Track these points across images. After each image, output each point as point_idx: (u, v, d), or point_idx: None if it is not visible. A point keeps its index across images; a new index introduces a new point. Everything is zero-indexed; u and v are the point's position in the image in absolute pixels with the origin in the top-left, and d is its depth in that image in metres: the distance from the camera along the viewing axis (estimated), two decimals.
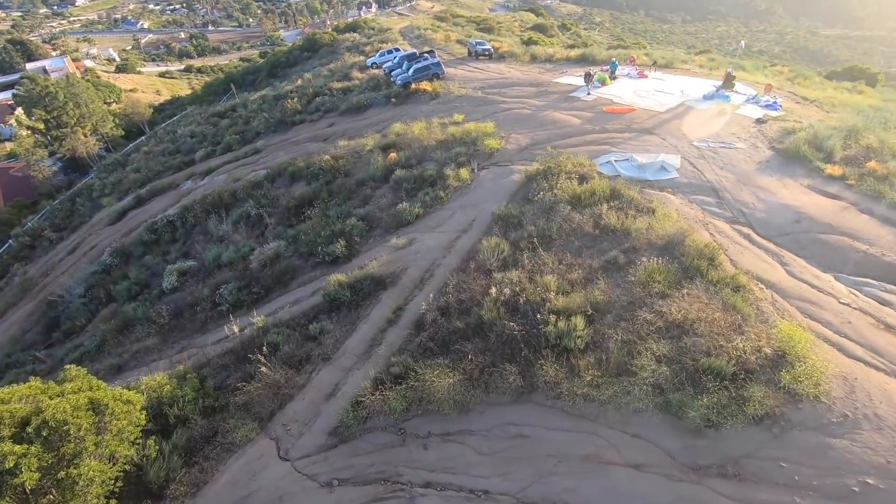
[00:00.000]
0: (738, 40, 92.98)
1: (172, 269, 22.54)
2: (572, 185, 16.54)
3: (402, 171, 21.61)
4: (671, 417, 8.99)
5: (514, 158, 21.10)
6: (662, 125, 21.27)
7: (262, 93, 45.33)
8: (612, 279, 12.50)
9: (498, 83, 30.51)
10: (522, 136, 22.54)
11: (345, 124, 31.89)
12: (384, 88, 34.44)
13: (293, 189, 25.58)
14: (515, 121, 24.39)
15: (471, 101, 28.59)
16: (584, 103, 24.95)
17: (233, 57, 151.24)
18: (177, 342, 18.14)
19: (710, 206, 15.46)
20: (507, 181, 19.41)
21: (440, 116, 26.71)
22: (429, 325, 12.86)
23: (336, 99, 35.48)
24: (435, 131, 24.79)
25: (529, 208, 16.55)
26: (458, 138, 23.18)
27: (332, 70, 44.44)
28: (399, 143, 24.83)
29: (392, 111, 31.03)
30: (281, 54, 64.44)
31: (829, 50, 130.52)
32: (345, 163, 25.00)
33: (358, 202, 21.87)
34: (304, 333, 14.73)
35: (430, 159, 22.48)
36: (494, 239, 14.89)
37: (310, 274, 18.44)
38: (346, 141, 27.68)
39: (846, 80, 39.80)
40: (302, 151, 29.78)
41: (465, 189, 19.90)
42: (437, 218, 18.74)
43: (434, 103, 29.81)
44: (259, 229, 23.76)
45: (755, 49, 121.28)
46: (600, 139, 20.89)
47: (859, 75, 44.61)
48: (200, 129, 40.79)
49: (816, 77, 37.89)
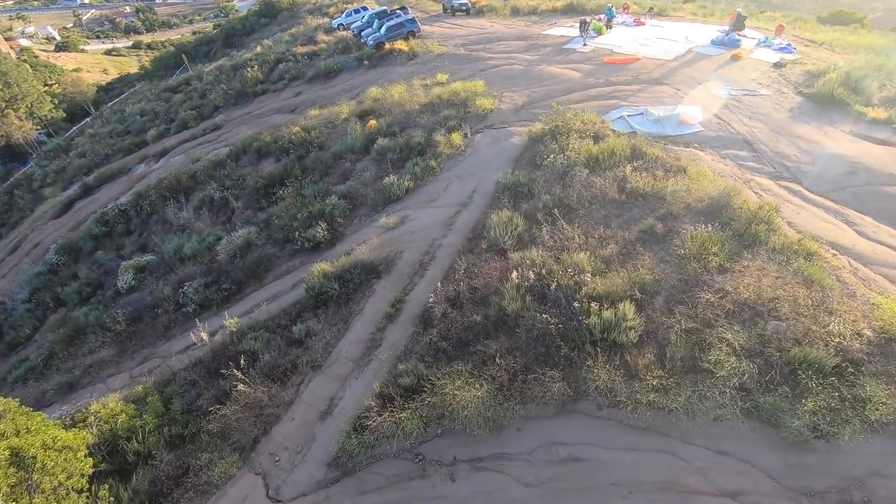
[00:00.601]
0: None
1: (128, 265, 19.73)
2: (587, 146, 14.36)
3: (384, 140, 19.02)
4: (765, 427, 7.19)
5: (511, 119, 18.73)
6: (673, 74, 19.13)
7: (219, 63, 41.18)
8: (654, 253, 10.54)
9: (481, 39, 27.70)
10: (517, 95, 20.11)
11: (313, 92, 28.73)
12: (354, 51, 31.17)
13: (261, 167, 22.70)
14: (507, 78, 21.88)
15: (453, 59, 25.82)
16: (581, 55, 22.54)
17: (184, 31, 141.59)
18: (137, 352, 15.64)
19: (745, 162, 13.56)
20: (506, 145, 17.11)
21: (421, 78, 23.93)
22: (438, 321, 10.73)
23: (301, 65, 32.06)
24: (417, 94, 22.10)
25: (540, 174, 14.35)
26: (445, 100, 20.60)
27: (294, 35, 40.51)
28: (378, 110, 22.10)
29: (366, 75, 27.99)
30: (236, 21, 59.14)
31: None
32: (318, 134, 22.18)
33: (337, 178, 19.27)
34: (287, 337, 12.44)
35: (416, 125, 19.91)
36: (505, 212, 12.70)
37: (288, 263, 16.00)
38: (317, 110, 24.73)
39: (837, 25, 38.31)
40: (268, 125, 26.67)
41: (460, 157, 17.53)
42: (430, 191, 16.39)
43: (412, 64, 26.90)
44: (225, 215, 20.97)
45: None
46: (606, 93, 18.66)
47: (847, 19, 43.24)
48: (151, 107, 36.73)
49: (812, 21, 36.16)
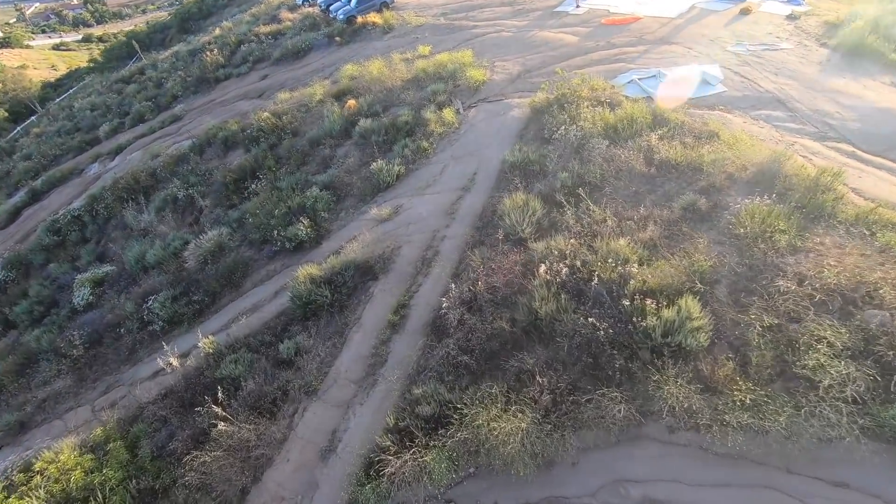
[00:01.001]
0: None
1: (84, 278, 17.47)
2: (603, 114, 12.67)
3: (367, 122, 17.01)
4: (891, 448, 5.74)
5: (508, 91, 16.90)
6: (680, 32, 17.51)
7: (175, 49, 37.98)
8: (703, 234, 8.99)
9: (462, 7, 25.57)
10: (510, 64, 18.24)
11: (281, 74, 26.29)
12: (324, 28, 28.68)
13: (229, 160, 20.43)
14: (496, 46, 19.95)
15: (434, 30, 23.70)
16: (575, 17, 20.71)
17: (138, 21, 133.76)
18: (98, 380, 13.62)
19: (782, 122, 12.08)
20: (506, 119, 15.32)
21: (401, 51, 21.80)
22: (454, 329, 9.05)
23: (266, 46, 29.42)
24: (399, 69, 20.02)
25: (552, 149, 12.63)
26: (430, 74, 18.61)
27: (255, 15, 37.51)
28: (356, 88, 19.97)
29: (338, 53, 25.65)
30: (191, 5, 55.19)
31: None
32: (290, 119, 19.96)
33: (316, 167, 17.22)
34: (274, 357, 10.60)
35: (401, 103, 17.91)
36: (519, 195, 10.97)
37: (267, 267, 14.05)
38: (287, 93, 22.43)
39: None
40: (233, 112, 24.24)
41: (454, 135, 15.67)
42: (424, 175, 14.55)
43: (389, 38, 24.68)
44: (191, 215, 18.74)
45: None
46: (609, 56, 16.94)
47: None
48: (102, 100, 33.56)
49: None
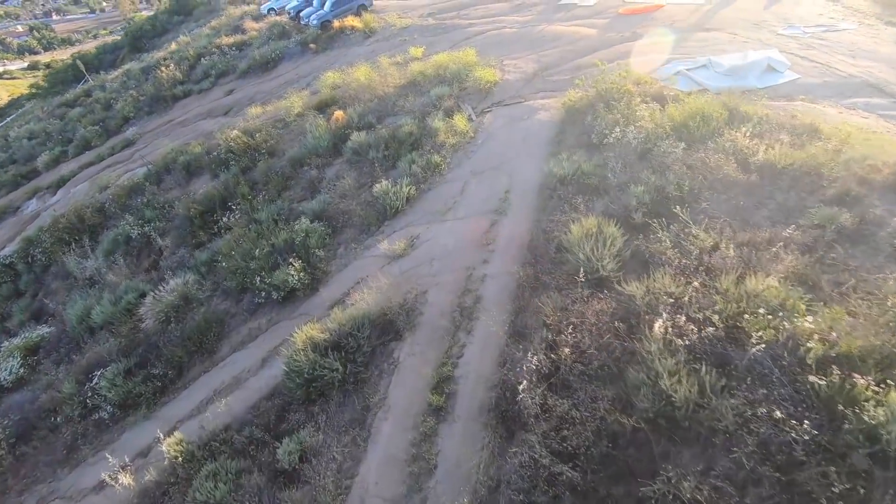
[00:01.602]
0: None
1: (14, 346, 14.15)
2: (673, 111, 10.29)
3: (360, 135, 14.28)
4: None
5: (525, 92, 14.49)
6: (715, 17, 15.53)
7: (125, 67, 34.53)
8: (869, 261, 6.57)
9: (452, 6, 23.32)
10: (522, 62, 15.88)
11: (250, 88, 23.38)
12: (295, 35, 25.96)
13: (193, 188, 17.34)
14: (500, 44, 17.61)
15: (423, 31, 21.29)
16: (586, 9, 18.61)
17: (88, 46, 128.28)
18: (27, 490, 10.30)
19: (888, 111, 9.93)
20: (532, 124, 12.85)
21: (389, 55, 19.26)
22: (535, 418, 6.29)
23: (230, 58, 26.49)
24: (390, 74, 17.43)
25: (607, 157, 10.14)
26: (430, 77, 16.08)
27: (215, 28, 34.52)
28: (341, 98, 17.26)
29: (314, 61, 22.95)
30: (143, 22, 51.58)
31: None
32: (265, 137, 17.05)
33: (301, 192, 14.34)
34: (270, 464, 7.58)
35: (399, 112, 15.29)
36: (590, 219, 8.36)
37: (250, 325, 11.04)
38: (259, 108, 19.55)
39: None
40: (196, 133, 21.18)
41: (470, 146, 13.10)
42: (440, 197, 11.88)
43: (372, 42, 22.14)
44: (148, 258, 15.52)
45: None
46: (640, 48, 14.75)
47: None
48: (42, 127, 29.75)
49: None
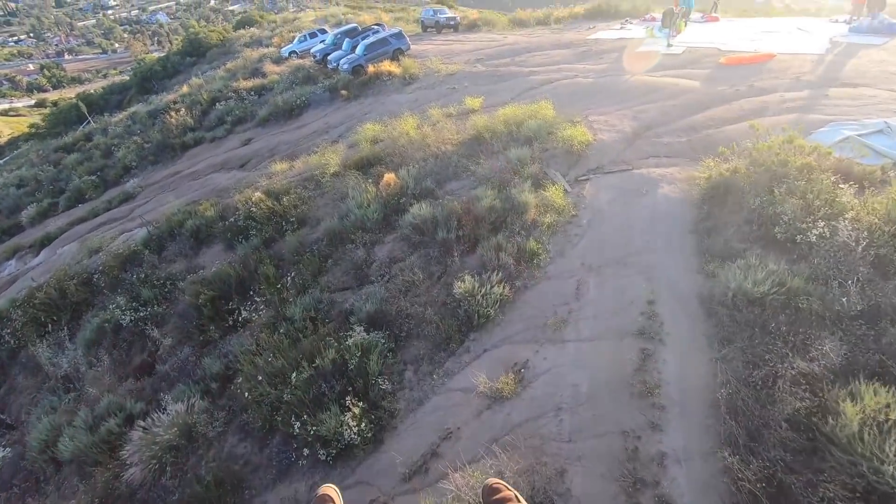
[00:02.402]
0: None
1: None
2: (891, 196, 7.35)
3: (423, 207, 11.33)
4: None
5: (630, 157, 11.70)
6: (850, 69, 12.98)
7: (131, 110, 32.35)
8: None
9: (502, 52, 21.11)
10: (615, 118, 13.21)
11: (271, 138, 20.81)
12: (322, 80, 23.71)
13: (202, 260, 14.30)
14: (577, 96, 15.05)
15: (475, 78, 18.89)
16: (673, 59, 16.22)
17: (97, 85, 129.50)
18: None
19: None
20: (656, 202, 9.94)
21: (439, 105, 16.72)
22: None
23: (248, 104, 24.14)
24: (445, 128, 14.77)
25: (815, 265, 7.10)
26: (499, 133, 13.36)
27: (231, 70, 32.63)
28: (386, 156, 14.51)
29: (346, 109, 20.48)
30: (154, 63, 50.29)
31: None
32: (294, 201, 14.17)
33: (344, 276, 11.24)
34: None
35: (465, 176, 12.46)
36: (867, 391, 5.18)
37: (281, 492, 7.64)
38: (284, 163, 16.80)
39: None
40: (207, 189, 18.39)
41: (572, 227, 10.14)
42: (545, 300, 8.77)
43: (414, 89, 19.73)
44: (141, 355, 12.25)
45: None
46: (768, 105, 12.10)
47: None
48: (34, 174, 27.06)
49: None
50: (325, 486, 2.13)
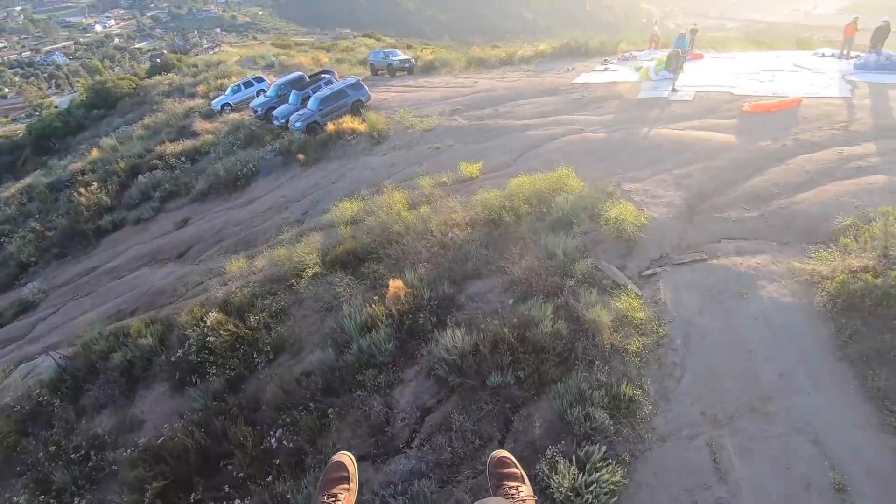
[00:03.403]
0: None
1: None
2: None
3: (456, 335, 8.57)
4: None
5: (694, 239, 9.69)
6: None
7: (25, 182, 27.11)
8: None
9: (479, 100, 19.01)
10: (654, 185, 11.25)
11: (215, 217, 17.30)
12: (269, 141, 20.51)
13: (139, 410, 10.66)
14: (592, 157, 13.06)
15: (458, 134, 16.57)
16: (686, 105, 14.75)
17: None
18: None
19: None
20: (765, 310, 7.88)
21: (422, 170, 14.19)
22: None
23: (180, 173, 20.41)
24: (446, 206, 12.22)
25: None
26: (522, 213, 11.00)
27: (151, 127, 28.41)
28: (379, 246, 11.68)
29: (306, 178, 17.44)
30: (53, 118, 44.08)
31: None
32: (264, 318, 10.92)
33: (356, 438, 8.18)
34: None
35: (488, 272, 9.92)
36: None
37: None
38: (241, 261, 13.43)
39: None
40: (137, 293, 14.57)
41: (667, 353, 7.86)
42: (672, 486, 6.35)
43: (388, 150, 17.08)
44: None
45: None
46: (831, 165, 10.59)
47: None
48: None
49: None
50: (341, 454, 2.00)
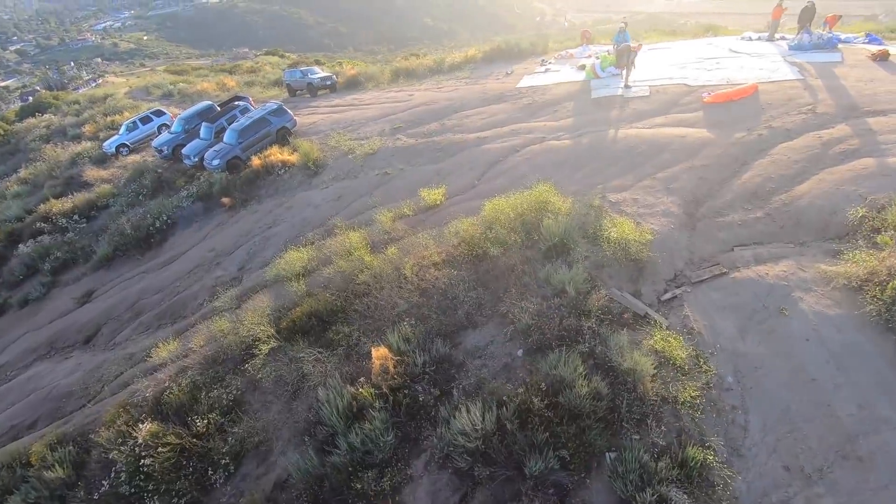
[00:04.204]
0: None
1: None
2: None
3: (473, 414, 6.99)
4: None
5: (708, 250, 8.83)
6: (858, 98, 11.81)
7: None
8: None
9: (420, 115, 17.49)
10: (642, 194, 10.33)
11: (127, 286, 14.44)
12: (185, 184, 17.72)
13: None
14: (565, 167, 11.98)
15: (407, 155, 14.95)
16: (644, 101, 14.12)
17: None
18: None
19: None
20: (815, 331, 7.09)
21: (376, 201, 12.48)
22: None
23: (75, 235, 17.08)
24: (416, 242, 10.61)
25: None
26: (506, 242, 9.64)
27: (28, 180, 24.15)
28: (346, 303, 9.83)
29: (236, 225, 15.04)
30: None
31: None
32: (214, 420, 8.71)
33: None
34: None
35: (483, 318, 8.46)
36: None
37: None
38: (171, 344, 10.97)
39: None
40: (34, 400, 11.58)
41: (721, 396, 6.86)
42: None
43: (329, 181, 15.09)
44: None
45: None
46: (816, 153, 10.21)
47: None
48: None
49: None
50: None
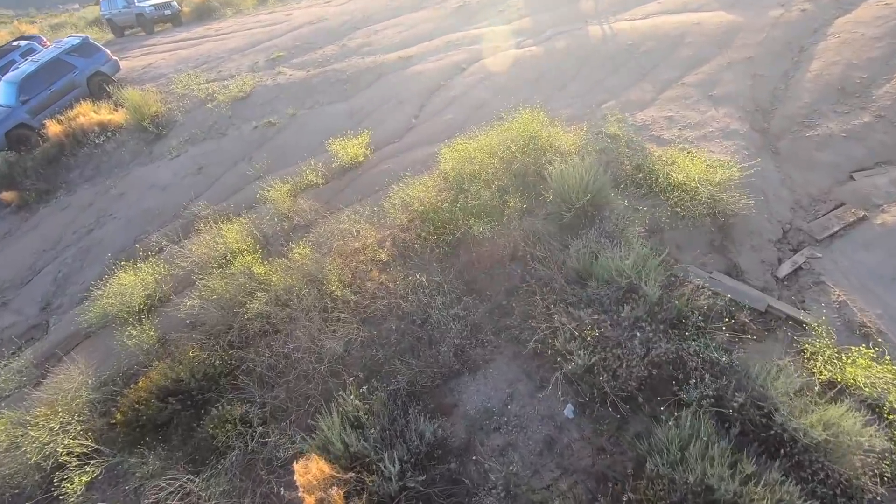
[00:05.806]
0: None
1: None
2: None
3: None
4: None
5: (817, 183, 5.61)
6: None
7: None
8: None
9: (308, 39, 12.42)
10: (678, 108, 6.82)
11: None
12: None
13: None
14: (540, 84, 8.15)
15: (297, 93, 10.13)
16: None
17: None
18: None
19: None
20: None
21: (261, 169, 7.92)
22: None
23: None
24: (339, 231, 6.36)
25: None
26: (491, 210, 5.75)
27: None
28: (238, 363, 5.48)
29: (30, 234, 9.48)
30: None
31: None
32: None
33: None
34: None
35: (486, 350, 4.65)
36: None
37: None
38: None
39: None
40: None
41: None
42: None
43: (180, 146, 9.89)
44: None
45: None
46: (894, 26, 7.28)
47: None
48: None
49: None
50: None
